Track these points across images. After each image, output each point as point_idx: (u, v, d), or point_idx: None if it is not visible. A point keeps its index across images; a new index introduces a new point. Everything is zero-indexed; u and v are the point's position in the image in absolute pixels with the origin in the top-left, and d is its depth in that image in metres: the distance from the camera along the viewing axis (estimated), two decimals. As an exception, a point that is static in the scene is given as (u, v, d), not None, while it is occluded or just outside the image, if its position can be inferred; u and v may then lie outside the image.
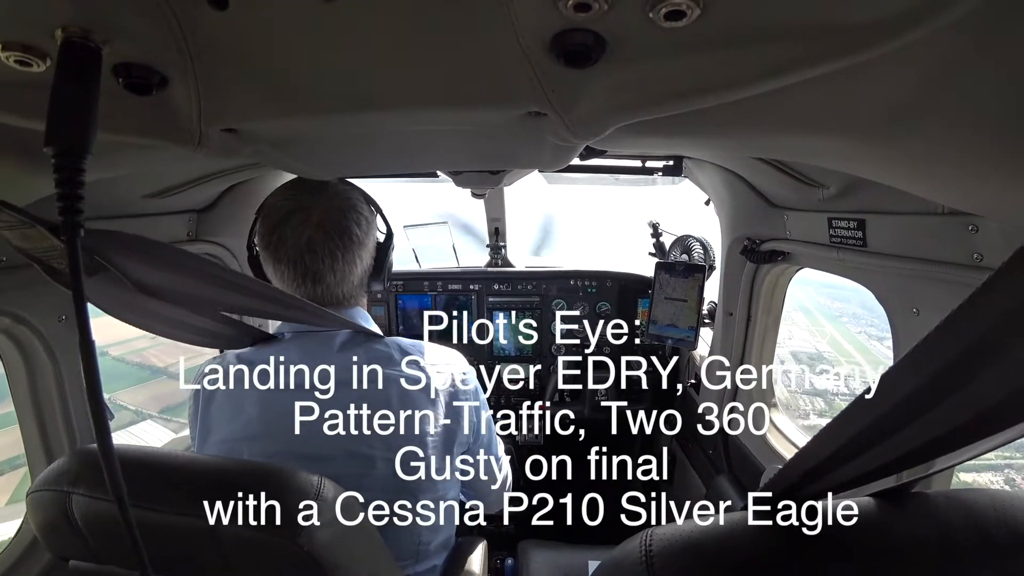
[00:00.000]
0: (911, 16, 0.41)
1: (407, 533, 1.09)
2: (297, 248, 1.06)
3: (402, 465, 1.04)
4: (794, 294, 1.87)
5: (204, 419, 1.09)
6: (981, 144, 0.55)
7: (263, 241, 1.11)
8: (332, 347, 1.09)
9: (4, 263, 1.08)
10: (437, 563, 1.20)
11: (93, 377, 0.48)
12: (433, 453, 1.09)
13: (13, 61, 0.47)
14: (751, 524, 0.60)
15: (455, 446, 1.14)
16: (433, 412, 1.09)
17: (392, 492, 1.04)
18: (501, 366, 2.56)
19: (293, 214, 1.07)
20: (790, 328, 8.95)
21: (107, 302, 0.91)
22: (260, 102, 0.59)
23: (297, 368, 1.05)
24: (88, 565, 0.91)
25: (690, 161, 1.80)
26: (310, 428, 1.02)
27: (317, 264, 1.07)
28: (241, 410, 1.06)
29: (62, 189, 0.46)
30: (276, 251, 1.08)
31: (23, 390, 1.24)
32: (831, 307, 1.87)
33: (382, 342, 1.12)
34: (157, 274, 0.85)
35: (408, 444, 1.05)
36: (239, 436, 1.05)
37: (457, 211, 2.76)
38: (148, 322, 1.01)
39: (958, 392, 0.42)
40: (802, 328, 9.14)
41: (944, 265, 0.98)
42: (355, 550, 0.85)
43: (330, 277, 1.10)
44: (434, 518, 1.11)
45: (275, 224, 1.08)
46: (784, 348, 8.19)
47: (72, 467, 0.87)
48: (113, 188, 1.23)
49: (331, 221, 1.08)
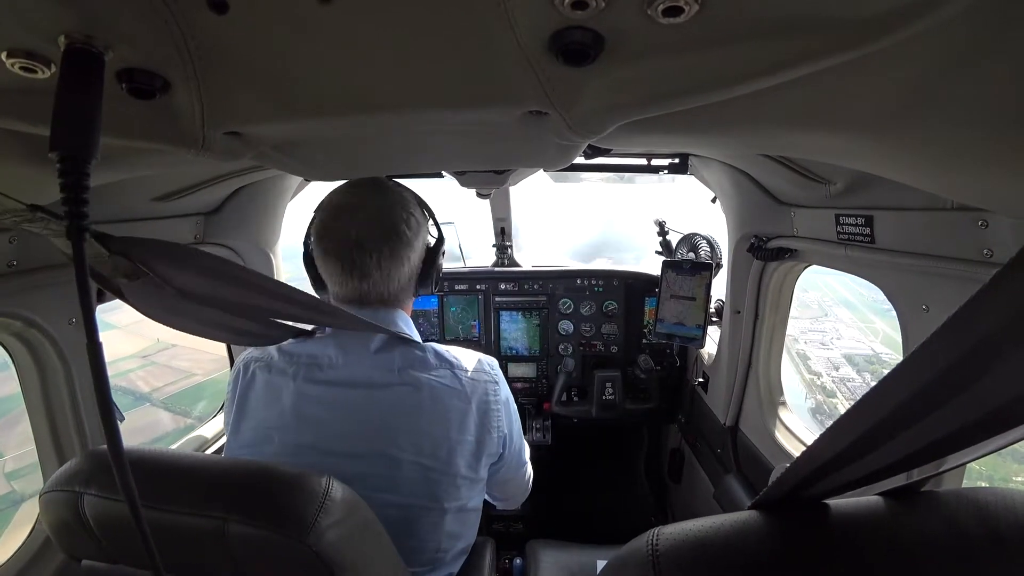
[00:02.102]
0: (915, 9, 0.40)
1: (429, 539, 1.09)
2: (346, 243, 1.09)
3: (429, 469, 1.07)
4: (831, 286, 1.83)
5: (241, 403, 1.12)
6: (989, 137, 0.54)
7: (316, 235, 1.14)
8: (369, 348, 1.11)
9: (15, 267, 1.10)
10: (453, 571, 1.19)
11: (102, 379, 0.49)
12: (461, 460, 1.09)
13: (18, 68, 0.48)
14: (758, 523, 0.59)
15: (484, 456, 1.14)
16: (464, 420, 1.10)
17: (418, 494, 1.07)
18: (508, 365, 2.56)
19: (344, 210, 1.11)
20: (836, 327, 8.65)
21: (148, 307, 0.95)
22: (262, 105, 0.60)
23: (333, 365, 1.09)
24: (101, 565, 0.92)
25: (696, 159, 1.79)
26: (341, 425, 1.06)
27: (364, 259, 1.10)
28: (277, 399, 1.08)
29: (67, 193, 0.47)
30: (326, 245, 1.12)
31: (35, 392, 1.26)
32: (876, 299, 1.73)
33: (419, 347, 1.13)
34: (198, 281, 0.89)
35: (437, 449, 1.07)
36: (272, 424, 1.07)
37: (464, 212, 2.76)
38: (190, 324, 1.04)
39: (968, 389, 0.41)
40: (849, 325, 8.73)
41: (953, 261, 0.96)
42: (363, 550, 0.86)
43: (376, 274, 1.12)
44: (456, 525, 1.12)
45: (327, 219, 1.12)
46: (834, 351, 7.92)
47: (84, 468, 0.88)
48: (121, 192, 1.25)
49: (380, 218, 1.11)
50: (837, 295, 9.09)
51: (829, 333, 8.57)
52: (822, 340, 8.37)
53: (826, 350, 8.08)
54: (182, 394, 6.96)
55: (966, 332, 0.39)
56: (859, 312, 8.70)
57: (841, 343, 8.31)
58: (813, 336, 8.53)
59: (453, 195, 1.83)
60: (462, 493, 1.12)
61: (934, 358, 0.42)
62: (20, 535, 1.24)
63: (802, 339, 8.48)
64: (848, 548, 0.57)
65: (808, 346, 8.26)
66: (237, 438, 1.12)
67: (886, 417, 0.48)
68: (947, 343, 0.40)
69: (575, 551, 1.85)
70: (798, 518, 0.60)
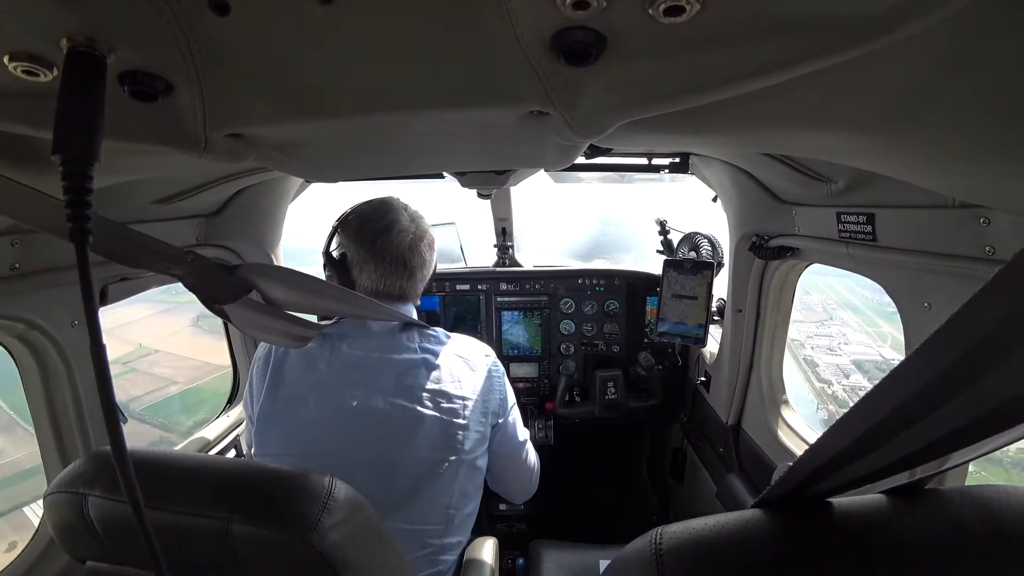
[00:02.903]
0: (914, 8, 0.40)
1: (443, 492, 1.24)
2: (400, 249, 1.33)
3: (447, 423, 1.24)
4: (834, 288, 1.83)
5: (275, 374, 1.29)
6: (990, 134, 0.54)
7: (365, 245, 1.33)
8: (393, 329, 1.33)
9: (17, 270, 1.10)
10: (462, 539, 1.34)
11: (105, 381, 0.49)
12: (472, 413, 1.29)
13: (20, 71, 0.48)
14: (761, 522, 0.59)
15: (489, 413, 1.35)
16: (474, 381, 1.33)
17: (437, 447, 1.23)
18: (510, 366, 2.56)
19: (394, 224, 1.34)
20: (842, 331, 8.49)
21: (241, 322, 1.22)
22: (264, 106, 0.60)
23: (364, 338, 1.31)
24: (104, 566, 0.92)
25: (696, 158, 1.79)
26: (372, 386, 1.24)
27: (413, 263, 1.35)
28: (313, 367, 1.27)
29: (70, 196, 0.47)
30: (381, 252, 1.32)
31: (38, 394, 1.27)
32: (880, 302, 1.67)
33: (432, 329, 1.38)
34: (283, 290, 1.19)
35: (453, 403, 1.26)
36: (309, 387, 1.25)
37: (463, 212, 2.77)
38: (261, 334, 1.27)
39: (971, 387, 0.41)
40: (856, 330, 8.55)
41: (955, 259, 0.96)
42: (366, 550, 0.86)
43: (419, 274, 1.38)
44: (467, 482, 1.29)
45: (379, 231, 1.33)
46: (843, 357, 7.77)
47: (88, 469, 0.88)
48: (124, 194, 1.25)
49: (420, 231, 1.38)
50: (841, 298, 8.95)
51: (836, 338, 8.46)
52: (829, 345, 8.25)
53: (834, 356, 8.00)
54: (159, 406, 7.03)
55: (968, 330, 0.39)
56: (864, 316, 8.55)
57: (849, 348, 8.19)
58: (820, 341, 8.40)
59: (454, 196, 1.84)
60: (475, 446, 1.29)
61: (936, 356, 0.41)
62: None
63: (809, 344, 8.33)
64: (852, 546, 0.57)
65: (816, 352, 8.14)
66: (273, 402, 1.26)
67: (888, 415, 0.48)
68: (949, 341, 0.40)
69: (578, 551, 1.86)
70: (801, 516, 0.60)
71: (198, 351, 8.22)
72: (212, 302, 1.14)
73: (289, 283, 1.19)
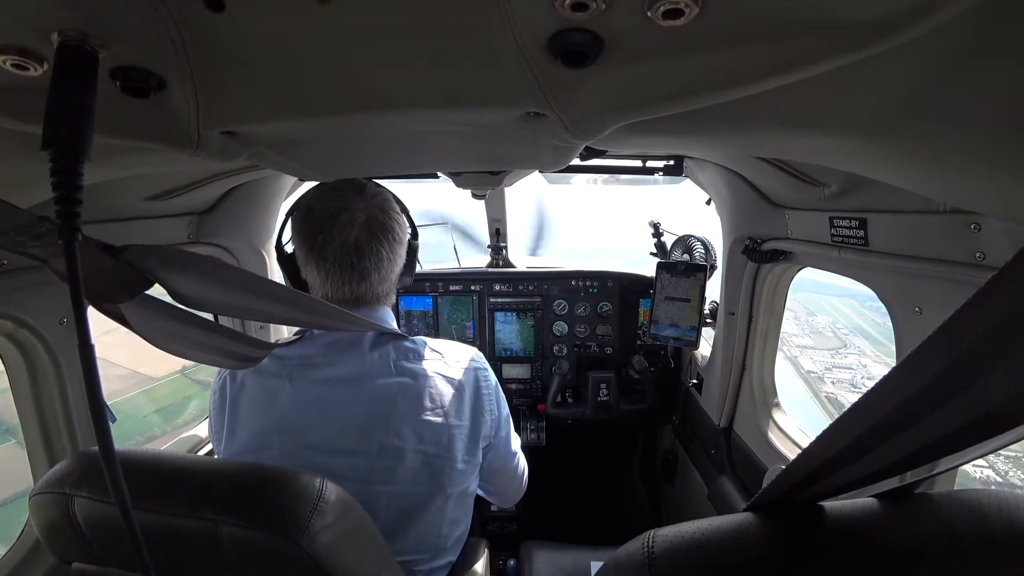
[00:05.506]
0: (911, 13, 0.40)
1: (433, 525, 1.11)
2: (345, 248, 1.09)
3: (432, 456, 1.09)
4: (844, 313, 1.82)
5: (233, 410, 1.11)
6: (983, 141, 0.54)
7: (306, 242, 1.11)
8: (363, 344, 1.12)
9: (5, 267, 1.08)
10: (452, 559, 1.22)
11: (93, 380, 0.48)
12: (460, 445, 1.13)
13: (10, 65, 0.47)
14: (753, 525, 0.59)
15: (480, 439, 1.18)
16: (460, 406, 1.14)
17: (422, 483, 1.09)
18: (503, 367, 2.56)
19: (339, 215, 1.09)
20: (861, 361, 8.08)
21: (148, 330, 0.90)
22: (258, 104, 0.59)
23: (328, 363, 1.10)
24: (91, 568, 0.91)
25: (691, 161, 1.79)
26: (342, 421, 1.06)
27: (364, 263, 1.11)
28: (274, 403, 1.08)
29: (59, 192, 0.46)
30: (322, 251, 1.10)
31: (25, 393, 1.25)
32: (888, 326, 1.65)
33: (409, 340, 1.17)
34: (197, 285, 0.83)
35: (438, 436, 1.10)
36: (270, 429, 1.07)
37: (456, 212, 2.76)
38: (181, 348, 0.98)
39: (962, 393, 0.41)
40: (875, 360, 8.14)
41: (946, 264, 0.97)
42: (357, 552, 0.85)
43: (374, 275, 1.14)
44: (457, 510, 1.16)
45: (320, 224, 1.09)
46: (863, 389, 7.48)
47: (75, 470, 0.87)
48: (114, 191, 1.24)
49: (376, 221, 1.12)
50: (849, 321, 8.61)
51: (857, 370, 7.96)
52: (852, 380, 7.72)
53: (859, 393, 7.45)
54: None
55: (960, 337, 0.39)
56: (883, 346, 8.18)
57: (867, 370, 7.69)
58: (840, 375, 7.81)
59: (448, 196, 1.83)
60: (463, 478, 1.15)
61: (928, 362, 0.42)
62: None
63: (828, 379, 7.75)
64: (843, 550, 0.57)
65: (838, 388, 7.53)
66: (233, 443, 1.10)
67: (881, 420, 0.48)
68: (941, 347, 0.40)
69: (569, 552, 1.85)
70: (794, 520, 0.60)
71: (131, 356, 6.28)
72: (99, 299, 0.77)
73: (210, 277, 0.82)
